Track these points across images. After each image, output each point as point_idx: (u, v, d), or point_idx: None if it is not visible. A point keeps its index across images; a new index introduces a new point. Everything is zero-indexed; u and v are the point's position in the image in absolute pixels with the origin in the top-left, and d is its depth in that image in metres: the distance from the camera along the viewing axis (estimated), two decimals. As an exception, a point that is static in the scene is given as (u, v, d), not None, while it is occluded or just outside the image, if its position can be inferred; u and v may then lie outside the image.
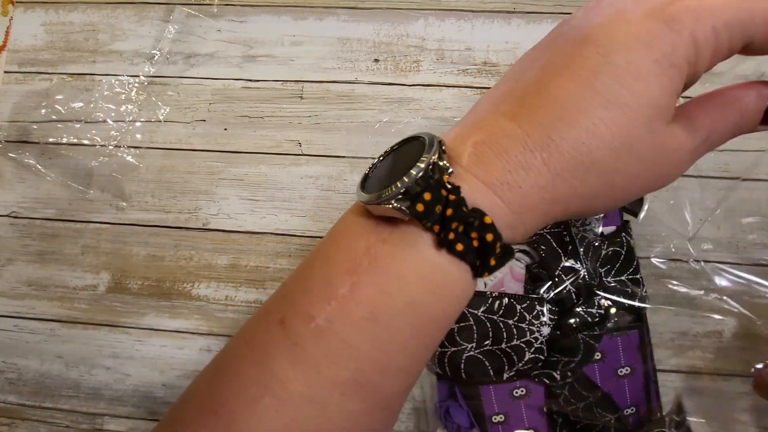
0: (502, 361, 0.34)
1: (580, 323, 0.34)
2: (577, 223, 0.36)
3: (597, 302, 0.34)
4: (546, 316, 0.34)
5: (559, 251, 0.35)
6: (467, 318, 0.35)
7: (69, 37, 0.49)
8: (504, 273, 0.36)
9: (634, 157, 0.19)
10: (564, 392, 0.35)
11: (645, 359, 0.36)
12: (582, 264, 0.34)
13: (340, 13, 0.47)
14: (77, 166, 0.47)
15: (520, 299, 0.34)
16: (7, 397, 0.45)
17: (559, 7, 0.46)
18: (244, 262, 0.45)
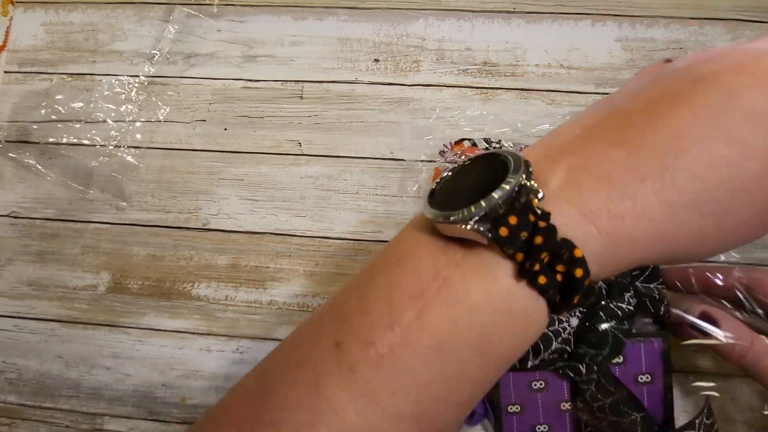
0: (528, 350, 0.34)
1: (610, 316, 0.34)
2: None
3: (627, 298, 0.34)
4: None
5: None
6: None
7: (69, 37, 0.49)
8: None
9: (749, 200, 0.18)
10: (591, 388, 0.35)
11: (666, 369, 0.36)
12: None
13: (340, 13, 0.47)
14: (77, 166, 0.47)
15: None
16: (7, 397, 0.45)
17: (559, 7, 0.46)
18: (244, 262, 0.45)
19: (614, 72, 0.45)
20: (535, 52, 0.45)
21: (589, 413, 0.35)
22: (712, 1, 0.45)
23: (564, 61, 0.45)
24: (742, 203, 0.18)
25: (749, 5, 0.45)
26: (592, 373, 0.35)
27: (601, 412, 0.35)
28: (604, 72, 0.45)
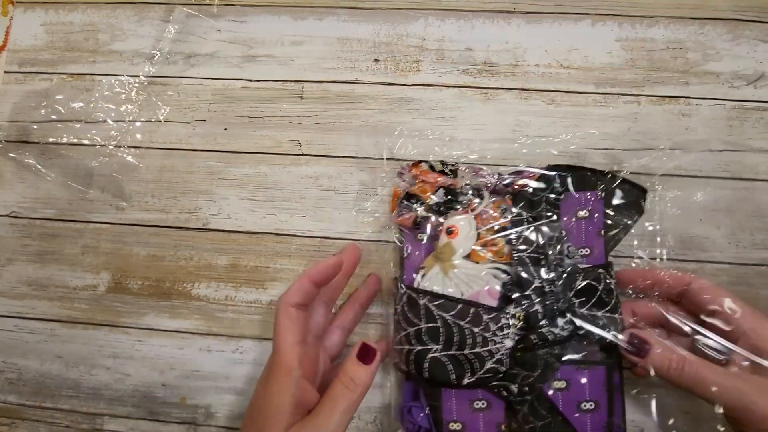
0: (464, 367, 0.35)
1: (541, 340, 0.34)
2: (555, 250, 0.37)
3: (562, 324, 0.35)
4: (511, 330, 0.35)
5: (534, 273, 0.36)
6: (436, 320, 0.36)
7: (69, 37, 0.49)
8: (480, 287, 0.36)
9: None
10: (524, 410, 0.35)
11: (611, 398, 0.36)
12: (551, 286, 0.35)
13: (340, 13, 0.47)
14: (77, 166, 0.47)
15: (489, 310, 0.35)
16: (7, 397, 0.45)
17: (559, 7, 0.46)
18: (244, 262, 0.45)
19: (614, 72, 0.45)
20: (535, 52, 0.45)
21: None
22: (712, 1, 0.45)
23: (564, 61, 0.45)
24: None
25: (749, 5, 0.45)
26: (525, 394, 0.35)
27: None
28: (604, 72, 0.45)
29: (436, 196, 0.39)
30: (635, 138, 0.44)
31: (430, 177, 0.40)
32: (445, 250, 0.38)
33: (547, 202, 0.38)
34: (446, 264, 0.37)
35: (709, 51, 0.44)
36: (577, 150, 0.44)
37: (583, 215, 0.39)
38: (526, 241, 0.37)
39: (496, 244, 0.38)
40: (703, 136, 0.44)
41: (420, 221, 0.39)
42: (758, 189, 0.43)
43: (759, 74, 0.44)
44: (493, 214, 0.38)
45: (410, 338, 0.36)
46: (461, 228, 0.38)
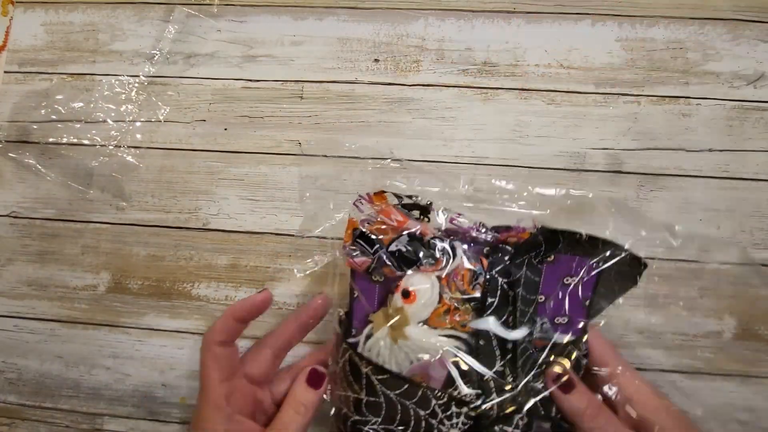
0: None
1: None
2: (525, 330, 0.32)
3: (516, 421, 0.31)
4: (460, 420, 0.31)
5: (497, 353, 0.31)
6: (378, 394, 0.31)
7: (69, 37, 0.49)
8: (433, 357, 0.31)
9: None
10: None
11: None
12: (514, 377, 0.31)
13: (340, 13, 0.47)
14: (77, 166, 0.47)
15: (440, 395, 0.31)
16: (7, 397, 0.45)
17: (559, 7, 0.46)
18: (244, 262, 0.45)
19: (614, 72, 0.45)
20: (535, 52, 0.45)
21: None
22: (712, 1, 0.45)
23: (564, 61, 0.45)
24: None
25: (749, 5, 0.45)
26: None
27: None
28: (604, 72, 0.45)
29: (399, 242, 0.32)
30: (635, 138, 0.44)
31: (394, 217, 0.33)
32: (397, 314, 0.32)
33: (529, 267, 0.32)
34: (396, 333, 0.32)
35: (709, 51, 0.44)
36: (577, 150, 0.44)
37: (569, 282, 0.33)
38: (495, 314, 0.32)
39: (461, 314, 0.32)
40: (703, 136, 0.44)
41: (374, 268, 0.33)
42: (758, 189, 0.43)
43: (759, 74, 0.44)
44: (466, 278, 0.32)
45: (349, 404, 0.32)
46: (421, 293, 0.31)
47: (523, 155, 0.44)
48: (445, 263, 0.32)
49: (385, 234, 0.33)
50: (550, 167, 0.44)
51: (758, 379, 0.41)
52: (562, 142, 0.44)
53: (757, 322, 0.42)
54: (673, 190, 0.43)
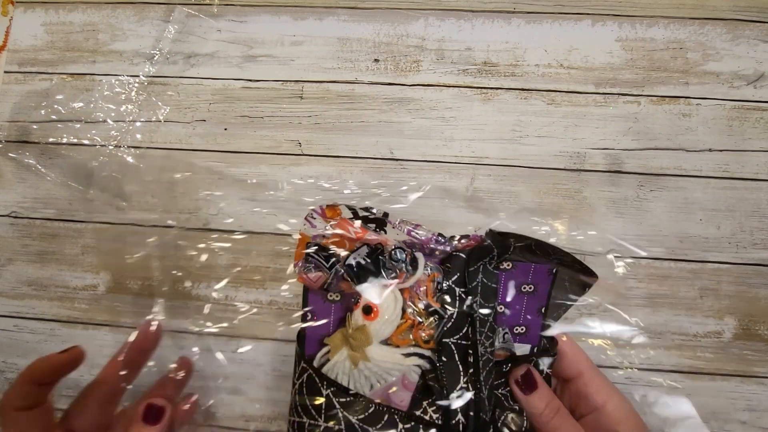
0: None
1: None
2: (486, 342, 0.30)
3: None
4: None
5: (460, 368, 0.29)
6: (339, 421, 0.28)
7: (69, 37, 0.49)
8: (395, 378, 0.29)
9: None
10: None
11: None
12: (478, 391, 0.29)
13: (340, 13, 0.47)
14: (77, 166, 0.47)
15: (405, 419, 0.28)
16: (7, 397, 0.45)
17: (559, 7, 0.46)
18: (244, 262, 0.45)
19: (614, 72, 0.45)
20: (535, 52, 0.45)
21: None
22: (712, 1, 0.45)
23: (564, 61, 0.45)
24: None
25: (749, 5, 0.45)
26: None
27: None
28: (604, 72, 0.45)
29: (357, 254, 0.30)
30: (635, 138, 0.44)
31: (352, 229, 0.31)
32: (358, 335, 0.29)
33: (484, 274, 0.31)
34: (358, 354, 0.29)
35: (709, 51, 0.44)
36: (577, 150, 0.44)
37: (527, 290, 0.32)
38: (455, 326, 0.30)
39: (425, 328, 0.30)
40: (703, 136, 0.44)
41: (330, 284, 0.31)
42: (758, 189, 0.43)
43: (759, 74, 0.44)
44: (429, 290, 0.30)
45: (304, 428, 0.29)
46: (383, 309, 0.29)
47: (523, 155, 0.44)
48: (407, 275, 0.30)
49: (342, 247, 0.31)
50: (550, 167, 0.44)
51: (758, 379, 0.41)
52: (562, 142, 0.44)
53: (757, 322, 0.42)
54: (673, 190, 0.43)
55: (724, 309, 0.42)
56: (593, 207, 0.43)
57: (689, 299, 0.42)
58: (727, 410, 0.41)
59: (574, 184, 0.44)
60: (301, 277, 0.31)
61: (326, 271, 0.30)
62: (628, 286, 0.43)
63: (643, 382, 0.41)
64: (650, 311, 0.42)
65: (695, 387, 0.41)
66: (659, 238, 0.43)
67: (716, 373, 0.41)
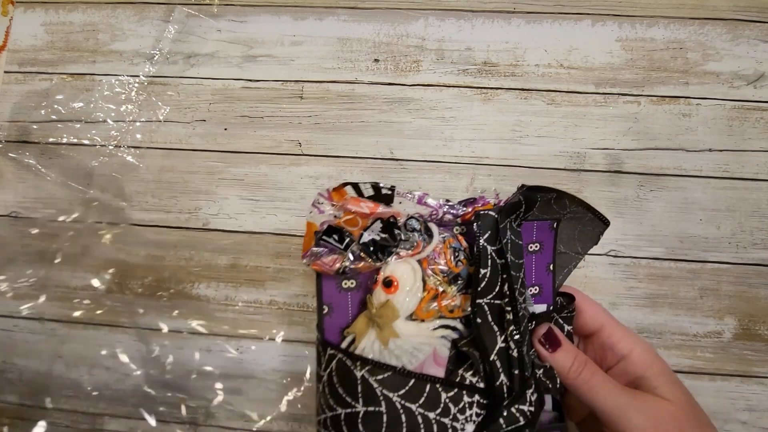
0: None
1: (510, 424, 0.27)
2: (520, 299, 0.29)
3: (529, 398, 0.28)
4: (474, 410, 0.27)
5: (495, 329, 0.28)
6: (378, 401, 0.26)
7: (69, 37, 0.49)
8: (426, 355, 0.28)
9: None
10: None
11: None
12: (519, 347, 0.28)
13: (340, 13, 0.47)
14: (77, 166, 0.47)
15: (447, 386, 0.27)
16: (7, 397, 0.45)
17: (559, 7, 0.46)
18: (244, 262, 0.45)
19: (614, 72, 0.45)
20: (535, 52, 0.45)
21: None
22: (712, 1, 0.45)
23: (564, 61, 0.45)
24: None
25: (749, 5, 0.45)
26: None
27: None
28: (604, 72, 0.45)
29: (371, 231, 0.28)
30: (635, 138, 0.44)
31: (362, 205, 0.29)
32: (384, 312, 0.28)
33: (512, 231, 0.30)
34: (386, 332, 0.28)
35: (709, 51, 0.44)
36: (577, 150, 0.44)
37: (534, 249, 0.32)
38: (488, 286, 0.28)
39: (448, 295, 0.29)
40: (703, 136, 0.44)
41: (346, 268, 0.29)
42: (758, 189, 0.43)
43: (759, 74, 0.44)
44: (447, 256, 0.29)
45: (339, 423, 0.27)
46: (404, 279, 0.28)
47: (523, 155, 0.44)
48: (423, 245, 0.29)
49: (354, 225, 0.29)
50: (550, 167, 0.44)
51: (758, 379, 0.41)
52: (562, 142, 0.44)
53: (757, 322, 0.42)
54: (673, 190, 0.43)
55: (724, 309, 0.42)
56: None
57: (689, 299, 0.42)
58: (727, 410, 0.41)
59: (574, 184, 0.44)
60: (315, 264, 0.29)
61: (341, 252, 0.28)
62: (628, 286, 0.43)
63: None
64: (650, 311, 0.42)
65: (695, 387, 0.41)
66: (659, 238, 0.43)
67: (716, 373, 0.41)
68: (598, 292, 0.43)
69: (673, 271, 0.42)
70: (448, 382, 0.27)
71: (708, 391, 0.41)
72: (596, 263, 0.43)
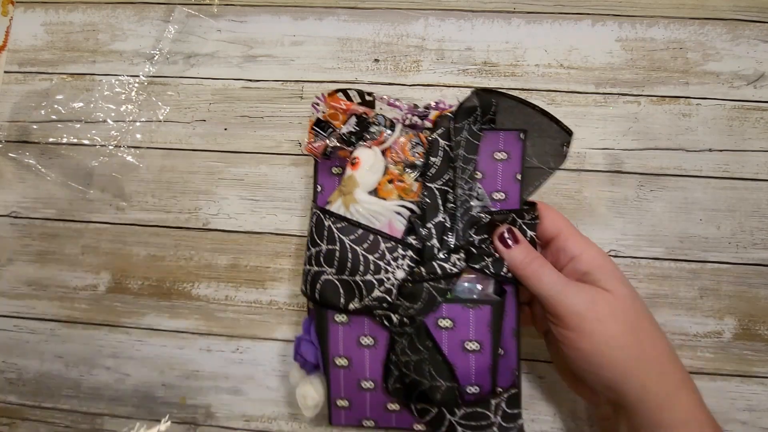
0: (353, 293, 0.35)
1: (429, 273, 0.34)
2: (465, 186, 0.35)
3: (454, 260, 0.34)
4: (405, 261, 0.34)
5: (441, 207, 0.35)
6: (335, 242, 0.35)
7: (69, 37, 0.49)
8: (383, 225, 0.35)
9: None
10: (403, 342, 0.35)
11: (495, 340, 0.35)
12: (453, 222, 0.35)
13: (340, 13, 0.47)
14: (77, 166, 0.47)
15: (387, 238, 0.35)
16: (7, 397, 0.45)
17: (559, 7, 0.46)
18: (244, 262, 0.45)
19: (614, 72, 0.45)
20: (535, 52, 0.45)
21: (398, 368, 0.35)
22: (712, 1, 0.45)
23: (564, 61, 0.45)
24: None
25: (749, 5, 0.45)
26: (405, 326, 0.34)
27: (407, 368, 0.35)
28: (604, 72, 0.45)
29: (348, 124, 0.37)
30: (635, 138, 0.44)
31: (342, 103, 0.37)
32: (348, 182, 0.36)
33: (470, 132, 0.36)
34: (348, 198, 0.36)
35: (709, 51, 0.44)
36: (577, 150, 0.44)
37: (500, 157, 0.36)
38: (438, 173, 0.35)
39: (404, 180, 0.36)
40: (703, 136, 0.44)
41: (330, 151, 0.37)
42: (758, 189, 0.43)
43: (759, 74, 0.44)
44: (405, 148, 0.37)
45: (311, 259, 0.36)
46: (365, 159, 0.36)
47: (523, 155, 0.44)
48: (386, 136, 0.37)
49: (336, 119, 0.38)
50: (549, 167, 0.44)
51: (758, 379, 0.41)
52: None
53: (757, 322, 0.42)
54: (673, 190, 0.43)
55: (724, 309, 0.42)
56: (593, 207, 0.43)
57: (689, 299, 0.42)
58: (727, 410, 0.41)
59: (574, 184, 0.44)
60: (307, 148, 0.38)
61: (324, 138, 0.38)
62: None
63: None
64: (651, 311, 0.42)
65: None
66: (659, 238, 0.43)
67: (716, 373, 0.41)
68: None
69: (673, 271, 0.42)
70: (387, 235, 0.35)
71: (708, 391, 0.41)
72: (596, 263, 0.43)
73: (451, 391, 0.34)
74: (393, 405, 0.37)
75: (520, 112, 0.37)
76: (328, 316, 0.36)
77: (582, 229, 0.42)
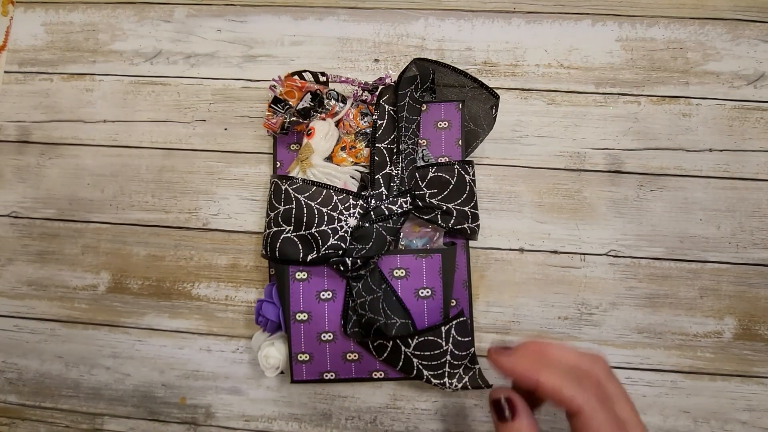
0: (311, 245, 0.37)
1: (378, 215, 0.37)
2: (409, 142, 0.39)
3: (401, 203, 0.38)
4: (356, 210, 0.38)
5: (389, 163, 0.38)
6: (292, 201, 0.38)
7: (69, 37, 0.49)
8: (339, 184, 0.39)
9: None
10: (358, 285, 0.38)
11: (446, 284, 0.38)
12: (399, 171, 0.38)
13: (340, 13, 0.47)
14: (77, 166, 0.47)
15: (339, 192, 0.38)
16: (7, 397, 0.45)
17: (559, 7, 0.46)
18: (244, 262, 0.45)
19: (614, 72, 0.45)
20: (535, 52, 0.45)
21: (354, 310, 0.38)
22: (712, 1, 0.45)
23: (564, 61, 0.45)
24: None
25: (749, 5, 0.45)
26: (359, 268, 0.37)
27: (363, 308, 0.37)
28: (604, 72, 0.45)
29: (303, 101, 0.40)
30: (635, 138, 0.44)
31: (299, 83, 0.41)
32: (304, 149, 0.40)
33: (411, 97, 0.40)
34: (304, 164, 0.39)
35: (709, 51, 0.44)
36: (577, 150, 0.44)
37: (443, 126, 0.41)
38: (385, 134, 0.39)
39: (356, 146, 0.40)
40: (703, 136, 0.44)
41: (288, 126, 0.41)
42: (758, 189, 0.43)
43: (759, 74, 0.44)
44: (356, 118, 0.40)
45: (270, 222, 0.39)
46: (319, 129, 0.40)
47: (523, 155, 0.44)
48: (338, 109, 0.41)
49: (292, 97, 0.41)
50: (550, 167, 0.44)
51: (758, 379, 0.41)
52: (562, 142, 0.44)
53: (757, 322, 0.42)
54: (673, 190, 0.43)
55: (724, 309, 0.42)
56: (593, 207, 0.43)
57: (689, 299, 0.42)
58: (727, 410, 0.41)
59: (574, 184, 0.44)
60: (265, 124, 0.42)
61: (282, 115, 0.41)
62: (628, 286, 0.43)
63: (643, 382, 0.41)
64: (650, 311, 0.42)
65: (695, 387, 0.41)
66: (659, 238, 0.43)
67: (716, 373, 0.41)
68: (598, 292, 0.43)
69: (673, 271, 0.43)
70: (339, 189, 0.38)
71: (708, 391, 0.41)
72: (596, 263, 0.43)
73: (405, 327, 0.37)
74: (352, 354, 0.39)
75: (455, 81, 0.41)
76: (289, 274, 0.39)
77: (582, 229, 0.42)
